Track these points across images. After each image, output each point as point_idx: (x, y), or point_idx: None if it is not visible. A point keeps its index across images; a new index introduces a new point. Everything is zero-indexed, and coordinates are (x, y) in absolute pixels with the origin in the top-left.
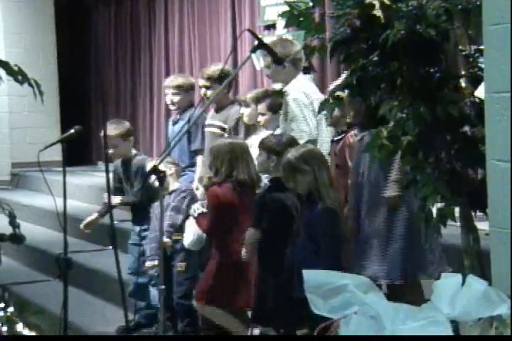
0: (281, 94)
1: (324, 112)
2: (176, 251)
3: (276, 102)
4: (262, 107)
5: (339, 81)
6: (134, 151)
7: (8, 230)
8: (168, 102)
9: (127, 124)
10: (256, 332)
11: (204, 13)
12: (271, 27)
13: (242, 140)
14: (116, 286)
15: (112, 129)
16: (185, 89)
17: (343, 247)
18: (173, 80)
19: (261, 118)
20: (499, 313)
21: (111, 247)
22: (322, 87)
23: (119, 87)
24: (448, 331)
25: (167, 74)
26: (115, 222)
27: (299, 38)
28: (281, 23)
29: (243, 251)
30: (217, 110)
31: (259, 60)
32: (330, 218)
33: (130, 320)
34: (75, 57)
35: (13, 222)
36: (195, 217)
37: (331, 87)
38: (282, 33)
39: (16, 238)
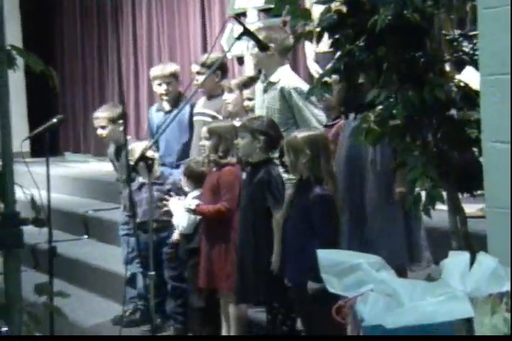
0: (272, 83)
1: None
2: (163, 238)
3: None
4: (248, 92)
5: None
6: (128, 137)
7: None
8: (162, 92)
9: (119, 109)
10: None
11: (172, 1)
12: (241, 15)
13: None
14: (98, 276)
15: (102, 111)
16: (177, 77)
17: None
18: (165, 68)
19: (249, 103)
20: (508, 289)
21: (85, 236)
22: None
23: (86, 76)
24: (467, 306)
25: (135, 66)
26: (90, 211)
27: None
28: (252, 11)
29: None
30: (209, 98)
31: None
32: (327, 205)
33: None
34: (41, 49)
35: (35, 207)
36: (193, 210)
37: None
38: (253, 21)
39: (39, 222)
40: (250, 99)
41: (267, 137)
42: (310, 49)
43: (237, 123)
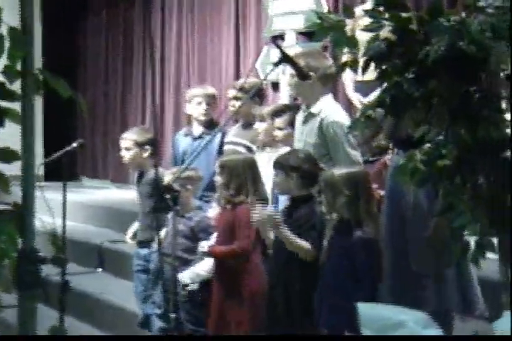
0: (312, 115)
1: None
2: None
3: (295, 117)
4: (280, 121)
5: None
6: (151, 163)
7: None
8: (201, 111)
9: (150, 134)
10: None
11: (205, 22)
12: (278, 37)
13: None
14: (112, 314)
15: (131, 133)
16: (216, 101)
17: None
18: (207, 89)
19: (279, 133)
20: None
21: (100, 269)
22: None
23: (108, 99)
24: None
25: (162, 90)
26: (106, 242)
27: None
28: (290, 33)
29: None
30: (245, 126)
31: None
32: (368, 249)
33: None
34: (62, 69)
35: (56, 242)
36: (207, 252)
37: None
38: (291, 44)
39: (59, 260)
40: (281, 129)
41: (301, 173)
42: (349, 77)
43: (266, 155)
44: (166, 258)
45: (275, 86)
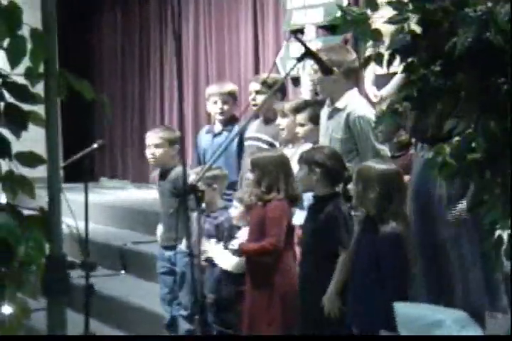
0: (337, 110)
1: None
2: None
3: (317, 112)
4: (301, 117)
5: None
6: (177, 161)
7: None
8: (217, 110)
9: (177, 133)
10: None
11: (222, 16)
12: (298, 31)
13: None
14: (136, 316)
15: (158, 130)
16: (235, 97)
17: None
18: (223, 86)
19: (300, 130)
20: None
21: (123, 272)
22: None
23: (125, 98)
24: None
25: (180, 87)
26: (128, 244)
27: None
28: (310, 27)
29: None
30: (266, 122)
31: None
32: (398, 245)
33: None
34: (78, 68)
35: (83, 247)
36: (238, 251)
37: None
38: (311, 39)
39: (89, 266)
40: (302, 125)
41: (325, 169)
42: (369, 71)
43: (289, 151)
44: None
45: (295, 81)
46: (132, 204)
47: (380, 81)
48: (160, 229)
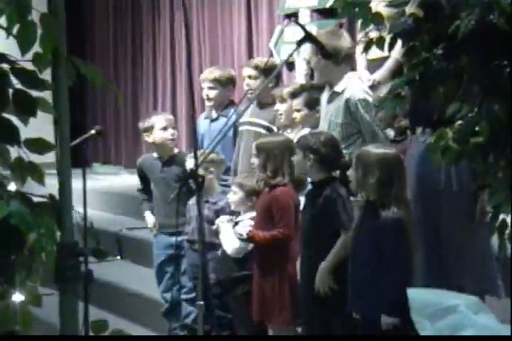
0: (337, 94)
1: None
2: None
3: (313, 97)
4: (297, 103)
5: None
6: (176, 150)
7: None
8: (204, 97)
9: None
10: None
11: (215, 1)
12: (292, 15)
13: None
14: (133, 302)
15: (209, 72)
16: (223, 83)
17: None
18: (211, 73)
19: (297, 115)
20: None
21: (118, 257)
22: None
23: (118, 84)
24: None
25: (172, 74)
26: (124, 230)
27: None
28: (304, 11)
29: None
30: (261, 106)
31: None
32: (400, 229)
33: None
34: (70, 54)
35: (94, 234)
36: (245, 239)
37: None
38: (305, 23)
39: (100, 253)
40: (298, 111)
41: (318, 156)
42: (361, 56)
43: (290, 136)
44: (192, 244)
45: (290, 65)
46: (126, 190)
47: (372, 65)
48: (150, 216)
